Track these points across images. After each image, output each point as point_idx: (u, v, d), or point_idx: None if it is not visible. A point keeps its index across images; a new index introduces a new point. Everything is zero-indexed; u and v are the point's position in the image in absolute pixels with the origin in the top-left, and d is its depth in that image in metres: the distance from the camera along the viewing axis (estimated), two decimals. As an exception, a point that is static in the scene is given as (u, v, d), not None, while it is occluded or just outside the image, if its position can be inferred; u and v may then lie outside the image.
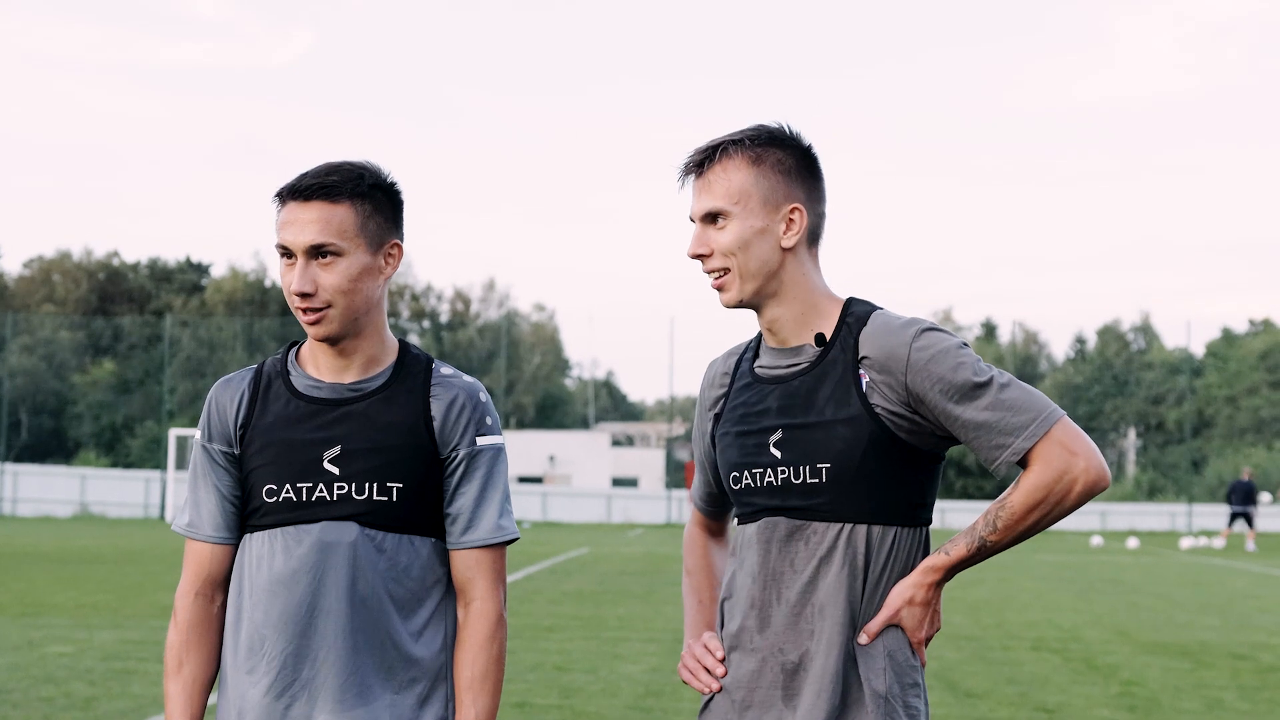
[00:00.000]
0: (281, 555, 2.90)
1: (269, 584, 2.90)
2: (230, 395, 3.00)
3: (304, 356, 3.01)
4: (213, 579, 2.99)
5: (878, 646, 2.83)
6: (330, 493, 2.89)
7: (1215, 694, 10.75)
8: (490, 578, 2.97)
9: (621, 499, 59.74)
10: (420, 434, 2.93)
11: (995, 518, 2.82)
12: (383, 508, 2.90)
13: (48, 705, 9.13)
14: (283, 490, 2.91)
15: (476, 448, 2.96)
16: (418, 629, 2.94)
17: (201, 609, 2.98)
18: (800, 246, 2.92)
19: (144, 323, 76.26)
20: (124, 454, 66.74)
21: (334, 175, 2.89)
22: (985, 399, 2.78)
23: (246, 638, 2.93)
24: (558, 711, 9.24)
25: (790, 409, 2.89)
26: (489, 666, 2.94)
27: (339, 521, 2.89)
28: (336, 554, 2.88)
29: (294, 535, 2.90)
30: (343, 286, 2.87)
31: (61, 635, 12.82)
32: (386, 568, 2.91)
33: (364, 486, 2.89)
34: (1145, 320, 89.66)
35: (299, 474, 2.91)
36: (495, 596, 2.97)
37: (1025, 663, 12.31)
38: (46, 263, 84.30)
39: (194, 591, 2.98)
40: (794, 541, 2.86)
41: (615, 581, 21.13)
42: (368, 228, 2.90)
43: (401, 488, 2.91)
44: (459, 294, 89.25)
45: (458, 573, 2.97)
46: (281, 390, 2.97)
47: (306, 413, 2.94)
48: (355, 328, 2.93)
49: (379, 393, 2.95)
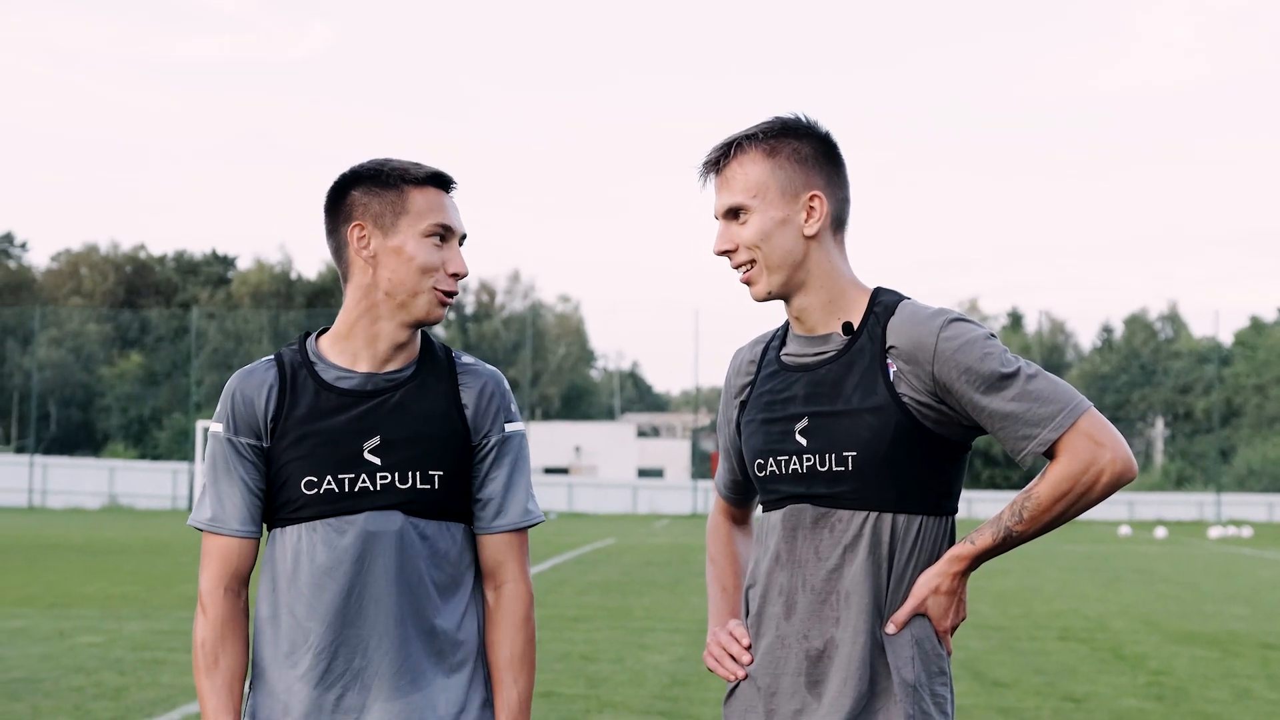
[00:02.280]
0: (323, 547, 2.91)
1: (312, 576, 2.90)
2: (256, 387, 2.98)
3: (325, 347, 3.01)
4: (239, 574, 2.96)
5: (905, 635, 2.83)
6: (374, 483, 2.91)
7: (1244, 683, 10.72)
8: (521, 560, 3.02)
9: (647, 490, 59.75)
10: (455, 421, 2.96)
11: (1021, 508, 2.82)
12: (426, 495, 2.93)
13: (78, 695, 9.19)
14: (324, 482, 2.91)
15: (506, 433, 3.01)
16: (460, 613, 2.97)
17: (231, 605, 2.95)
18: (824, 234, 2.92)
19: (171, 315, 76.54)
20: (152, 446, 67.02)
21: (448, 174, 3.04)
22: (1012, 389, 2.78)
23: (288, 631, 2.92)
24: (584, 701, 9.26)
25: (817, 397, 2.89)
26: (525, 646, 3.00)
27: (384, 511, 2.91)
28: (382, 542, 2.90)
29: (336, 526, 2.91)
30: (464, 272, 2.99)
31: (91, 626, 12.91)
32: (429, 554, 2.94)
33: (407, 475, 2.92)
34: (1173, 309, 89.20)
35: (340, 465, 2.91)
36: (526, 578, 3.03)
37: (1052, 652, 12.28)
38: (74, 256, 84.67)
39: (222, 587, 2.94)
40: (819, 529, 2.87)
41: (641, 572, 21.16)
42: None
43: (443, 475, 2.94)
44: (484, 286, 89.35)
45: (488, 556, 3.01)
46: (308, 381, 2.97)
47: (340, 404, 2.94)
48: None
49: (410, 381, 2.97)
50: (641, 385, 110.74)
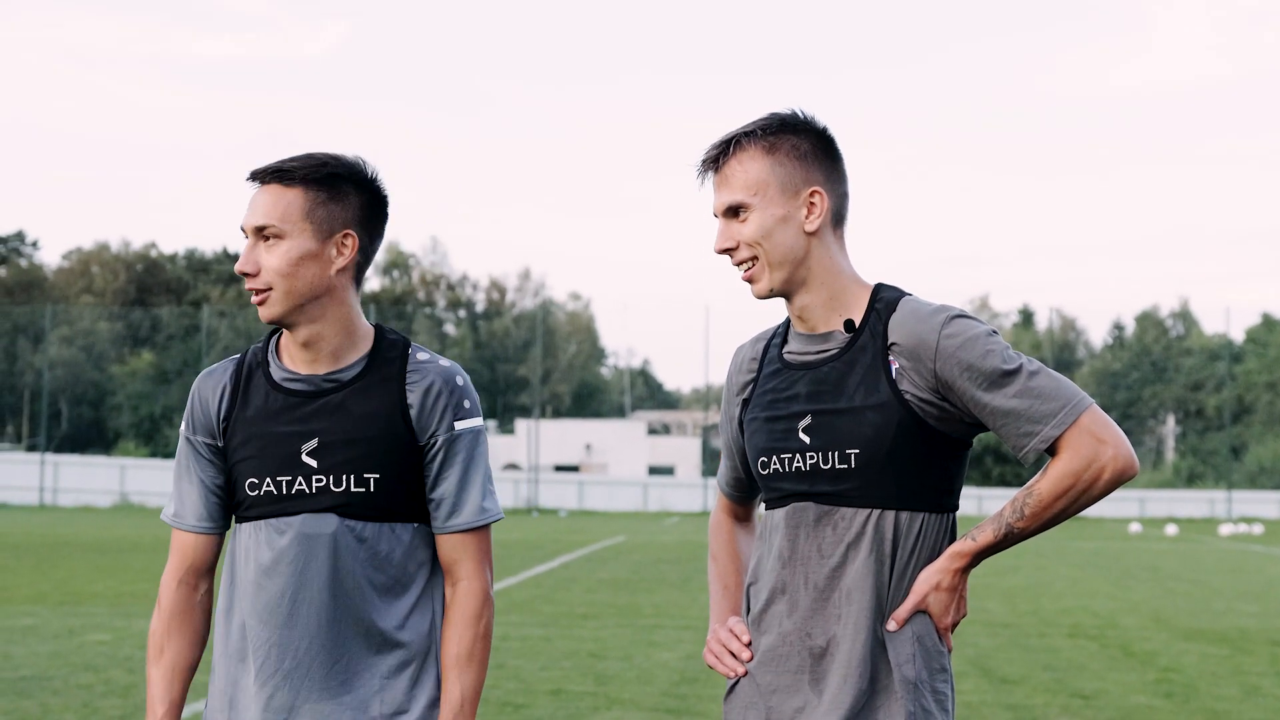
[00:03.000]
0: (265, 547, 2.93)
1: (255, 575, 2.93)
2: (212, 387, 3.03)
3: (282, 347, 3.02)
4: (196, 568, 3.04)
5: (906, 632, 2.83)
6: (309, 485, 2.92)
7: (1253, 680, 10.70)
8: (476, 558, 2.99)
9: (658, 487, 59.76)
10: (397, 423, 2.93)
11: (1023, 504, 2.82)
12: (360, 498, 2.92)
13: (87, 692, 9.21)
14: (264, 484, 2.94)
15: (455, 432, 2.96)
16: (403, 613, 2.96)
17: (184, 597, 3.03)
18: (825, 229, 2.92)
19: (182, 313, 76.69)
20: (163, 444, 67.11)
21: (293, 161, 2.92)
22: (1014, 386, 2.78)
23: (238, 627, 2.96)
24: (593, 698, 9.27)
25: (820, 395, 2.89)
26: (474, 643, 2.96)
27: (319, 514, 2.91)
28: (317, 545, 2.90)
29: (276, 527, 2.93)
30: (281, 269, 2.87)
31: (101, 623, 12.94)
32: (367, 556, 2.93)
33: (341, 478, 2.91)
34: (1184, 306, 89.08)
35: (279, 467, 2.93)
36: (481, 575, 2.99)
37: (1062, 649, 12.27)
38: (85, 254, 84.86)
39: (177, 580, 3.04)
40: (822, 527, 2.87)
41: (651, 569, 21.16)
42: (315, 214, 2.90)
43: (379, 478, 2.92)
44: (494, 283, 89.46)
45: (444, 555, 3.00)
46: (261, 382, 2.99)
47: (285, 405, 2.95)
48: (305, 315, 2.92)
49: (354, 383, 2.95)
50: (652, 383, 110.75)
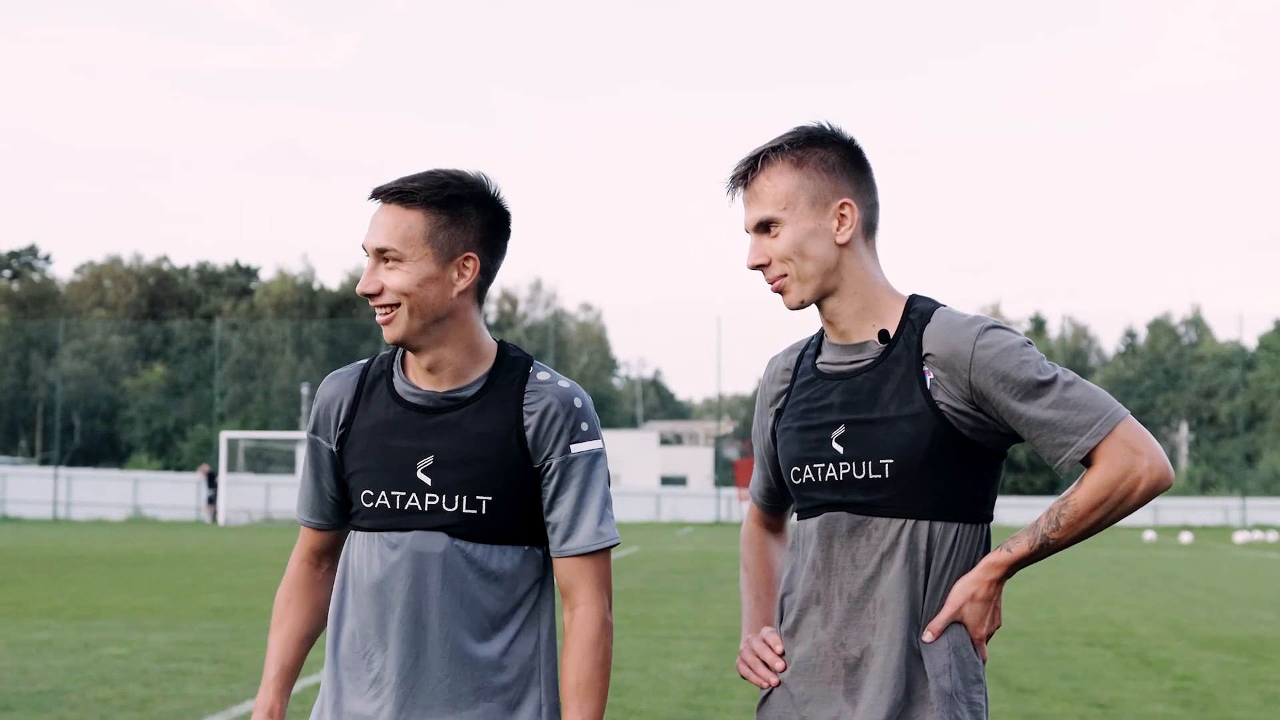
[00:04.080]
0: (378, 560, 2.93)
1: (367, 587, 2.94)
2: (334, 393, 3.05)
3: (408, 360, 3.02)
4: (317, 550, 3.16)
5: (942, 643, 2.82)
6: (422, 503, 2.91)
7: (1272, 688, 10.66)
8: (594, 584, 2.96)
9: (670, 498, 59.77)
10: (512, 445, 2.92)
11: (1058, 515, 2.81)
12: (472, 520, 2.91)
13: (104, 706, 9.21)
14: (379, 496, 2.94)
15: (570, 455, 2.94)
16: (509, 637, 2.94)
17: (306, 573, 3.16)
18: (856, 240, 2.92)
19: (194, 326, 76.89)
20: (176, 457, 67.28)
21: (415, 181, 2.90)
22: (1049, 397, 2.78)
23: (348, 633, 2.97)
24: (609, 710, 9.25)
25: (854, 405, 2.89)
26: (594, 671, 2.93)
27: (430, 532, 2.91)
28: (427, 563, 2.90)
29: (389, 541, 2.93)
30: (404, 289, 2.86)
31: (116, 637, 12.94)
32: (476, 577, 2.91)
33: (454, 499, 2.90)
34: (1196, 313, 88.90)
35: (394, 482, 2.93)
36: (599, 601, 2.96)
37: (1078, 658, 12.24)
38: (97, 268, 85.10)
39: (300, 558, 3.17)
40: (856, 537, 2.86)
41: (665, 580, 21.15)
42: (437, 237, 2.88)
43: (491, 500, 2.91)
44: (506, 294, 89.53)
45: (561, 579, 2.97)
46: (383, 393, 2.99)
47: (404, 419, 2.95)
48: (430, 337, 2.91)
49: (473, 401, 2.94)
50: (664, 393, 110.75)
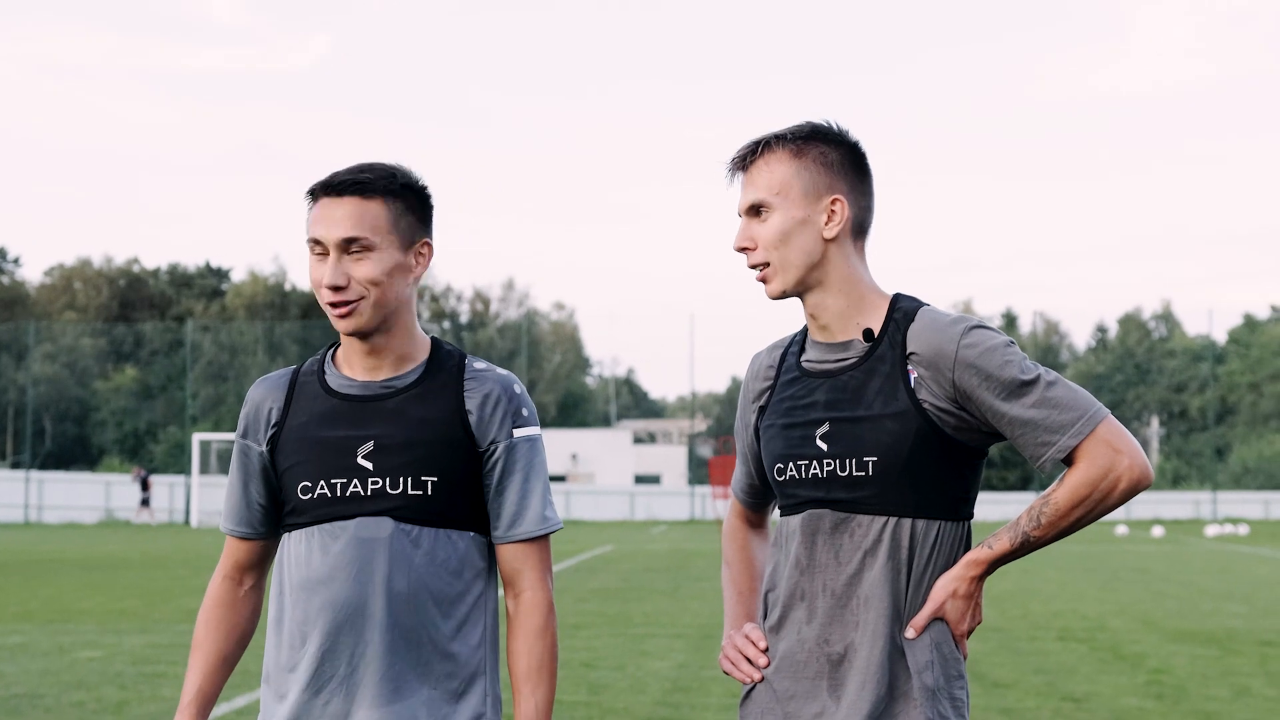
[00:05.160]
0: (319, 553, 2.92)
1: (307, 582, 2.92)
2: (265, 395, 3.05)
3: (340, 358, 3.04)
4: (241, 565, 3.11)
5: (925, 639, 2.85)
6: (365, 488, 2.91)
7: (1243, 681, 10.73)
8: (539, 569, 2.99)
9: (644, 496, 59.77)
10: (455, 428, 2.94)
11: (1039, 513, 2.83)
12: (418, 501, 2.91)
13: (79, 710, 9.18)
14: (317, 487, 2.93)
15: (514, 439, 2.96)
16: (456, 624, 2.94)
17: (228, 590, 3.11)
18: (843, 238, 2.93)
19: (165, 328, 76.56)
20: (147, 460, 66.94)
21: (367, 173, 2.93)
22: (1032, 396, 2.80)
23: (288, 635, 2.95)
24: (585, 708, 9.27)
25: (838, 403, 2.91)
26: (544, 656, 2.96)
27: (374, 517, 2.90)
28: (372, 550, 2.89)
29: (330, 532, 2.92)
30: (374, 279, 2.89)
31: (91, 640, 12.90)
32: (423, 562, 2.91)
33: (398, 480, 2.90)
34: (1166, 308, 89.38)
35: (333, 470, 2.92)
36: (544, 586, 2.99)
37: (1052, 653, 12.30)
38: (67, 270, 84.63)
39: (223, 574, 3.11)
40: (839, 534, 2.88)
41: (640, 578, 21.17)
42: (399, 225, 2.93)
43: (437, 481, 2.92)
44: (478, 294, 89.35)
45: (505, 565, 2.99)
46: (316, 389, 3.00)
47: (340, 410, 2.96)
48: (385, 324, 2.94)
49: (412, 388, 2.96)
50: (637, 391, 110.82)
